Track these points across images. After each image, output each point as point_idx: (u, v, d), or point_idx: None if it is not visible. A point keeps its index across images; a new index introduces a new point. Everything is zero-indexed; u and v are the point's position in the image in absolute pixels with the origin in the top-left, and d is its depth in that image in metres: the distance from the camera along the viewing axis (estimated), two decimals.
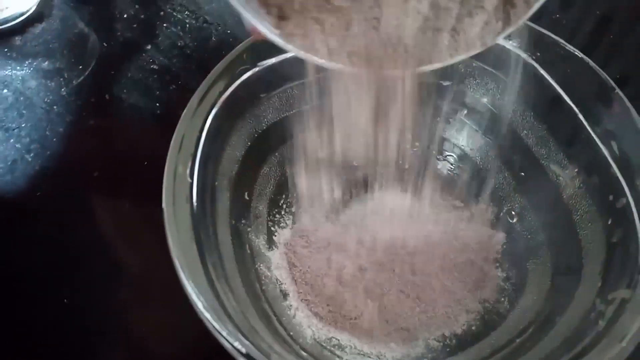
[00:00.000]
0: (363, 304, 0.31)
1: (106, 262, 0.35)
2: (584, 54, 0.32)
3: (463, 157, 0.36)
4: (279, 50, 0.32)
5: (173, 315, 0.31)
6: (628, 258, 0.25)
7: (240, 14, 0.21)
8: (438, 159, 0.36)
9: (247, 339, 0.23)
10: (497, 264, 0.33)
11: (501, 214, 0.34)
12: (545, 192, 0.32)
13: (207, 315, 0.22)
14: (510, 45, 0.32)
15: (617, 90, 0.28)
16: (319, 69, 0.24)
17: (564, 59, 0.30)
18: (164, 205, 0.26)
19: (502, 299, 0.31)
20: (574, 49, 0.30)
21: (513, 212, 0.34)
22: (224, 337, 0.22)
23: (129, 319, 0.33)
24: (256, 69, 0.31)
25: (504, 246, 0.34)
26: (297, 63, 0.33)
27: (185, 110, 0.29)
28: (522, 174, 0.34)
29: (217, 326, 0.22)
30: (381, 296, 0.31)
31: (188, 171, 0.28)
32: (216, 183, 0.31)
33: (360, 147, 0.28)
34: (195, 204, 0.28)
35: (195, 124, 0.29)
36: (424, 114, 0.36)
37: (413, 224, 0.34)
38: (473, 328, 0.31)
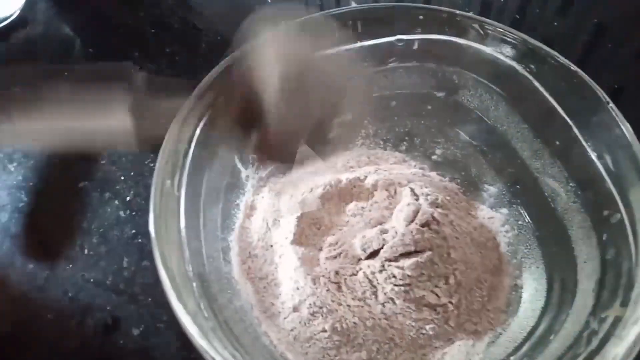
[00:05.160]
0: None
1: (97, 275, 0.34)
2: (580, 62, 0.31)
3: (456, 168, 0.36)
4: None
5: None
6: (621, 275, 0.25)
7: None
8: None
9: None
10: None
11: (496, 227, 0.34)
12: (540, 206, 0.32)
13: (191, 330, 0.22)
14: (504, 57, 0.31)
15: (611, 104, 0.28)
16: None
17: (558, 71, 0.30)
18: (150, 220, 0.25)
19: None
20: (569, 62, 0.29)
21: (508, 226, 0.33)
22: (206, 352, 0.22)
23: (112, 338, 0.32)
24: None
25: None
26: None
27: (173, 122, 0.28)
28: (518, 186, 0.33)
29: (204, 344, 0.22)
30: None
31: (176, 184, 0.27)
32: (206, 195, 0.30)
33: None
34: (183, 218, 0.27)
35: (183, 135, 0.28)
36: (418, 125, 0.36)
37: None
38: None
